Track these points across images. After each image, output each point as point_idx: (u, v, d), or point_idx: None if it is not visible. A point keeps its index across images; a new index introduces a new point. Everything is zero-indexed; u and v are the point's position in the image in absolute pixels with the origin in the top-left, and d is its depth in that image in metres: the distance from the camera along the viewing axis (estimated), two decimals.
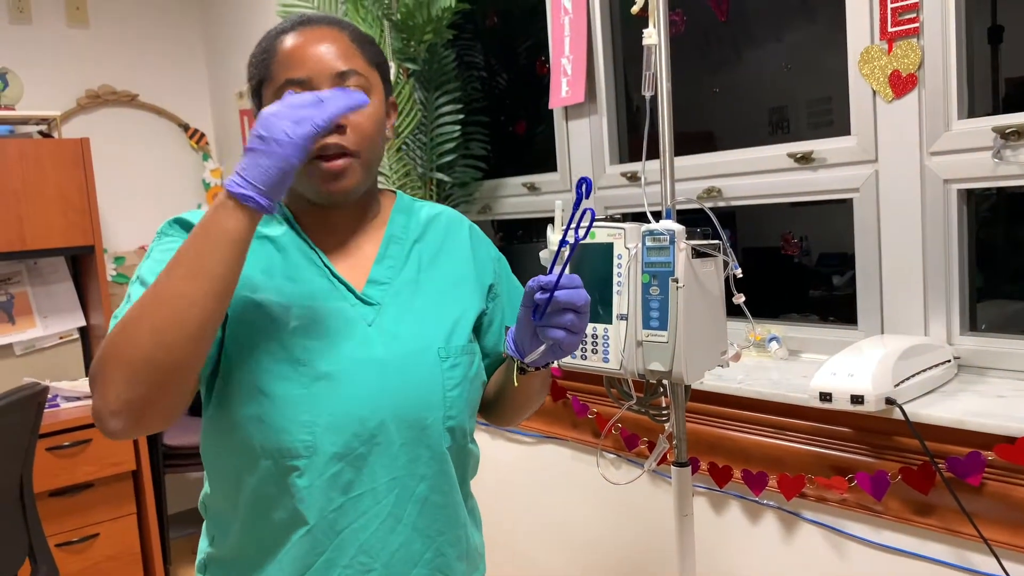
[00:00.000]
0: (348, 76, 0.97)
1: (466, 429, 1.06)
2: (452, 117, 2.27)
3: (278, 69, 0.97)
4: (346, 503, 0.97)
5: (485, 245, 1.17)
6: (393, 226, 1.09)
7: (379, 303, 1.02)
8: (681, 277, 1.11)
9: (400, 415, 0.98)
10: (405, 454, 0.99)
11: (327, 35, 0.98)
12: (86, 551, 2.87)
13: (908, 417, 1.27)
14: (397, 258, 1.06)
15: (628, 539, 1.91)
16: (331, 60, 0.97)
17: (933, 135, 1.43)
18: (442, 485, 1.03)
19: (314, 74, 0.96)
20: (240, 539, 1.01)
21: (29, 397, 2.09)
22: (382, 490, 0.98)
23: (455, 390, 1.02)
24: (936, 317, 1.47)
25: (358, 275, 1.03)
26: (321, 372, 0.95)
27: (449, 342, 1.03)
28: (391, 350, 0.99)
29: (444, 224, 1.13)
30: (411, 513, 1.00)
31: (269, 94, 0.98)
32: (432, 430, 1.01)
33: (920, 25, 1.41)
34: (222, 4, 3.55)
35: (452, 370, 1.02)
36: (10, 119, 2.97)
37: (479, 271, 1.13)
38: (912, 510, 1.36)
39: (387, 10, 2.22)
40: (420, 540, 1.02)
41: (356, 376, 0.97)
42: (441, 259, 1.10)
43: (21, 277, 3.15)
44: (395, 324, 1.01)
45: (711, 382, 1.58)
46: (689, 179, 1.84)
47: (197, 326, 0.82)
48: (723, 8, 1.87)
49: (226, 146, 3.72)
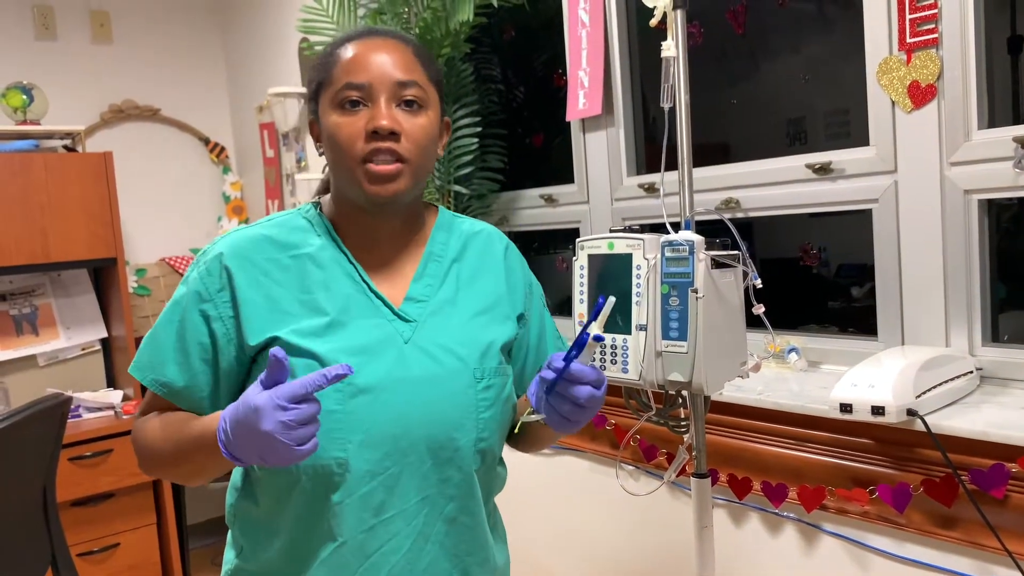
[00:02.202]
0: (408, 86, 0.99)
1: (496, 452, 1.07)
2: (470, 130, 2.29)
3: (339, 73, 0.98)
4: (377, 525, 0.97)
5: (520, 268, 1.17)
6: (433, 244, 1.09)
7: (416, 320, 1.02)
8: (701, 288, 1.11)
9: (433, 435, 0.98)
10: (436, 474, 0.99)
11: (391, 46, 1.00)
12: (107, 561, 2.89)
13: (930, 429, 1.26)
14: (435, 276, 1.07)
15: (647, 551, 1.90)
16: (392, 69, 0.98)
17: (953, 145, 1.42)
18: (470, 506, 1.03)
19: (375, 80, 0.97)
20: (274, 554, 1.01)
21: (53, 407, 2.12)
22: (412, 510, 0.98)
23: (487, 412, 1.02)
24: (957, 328, 1.46)
25: (396, 292, 1.04)
26: (358, 388, 0.95)
27: (483, 363, 1.03)
28: (427, 369, 1.00)
29: (483, 242, 1.14)
30: (439, 532, 1.01)
31: (328, 97, 0.99)
32: (463, 452, 1.00)
33: (939, 36, 1.41)
34: (242, 21, 3.60)
35: (485, 391, 1.02)
36: (35, 134, 3.02)
37: (512, 297, 1.13)
38: (935, 523, 1.34)
39: (406, 24, 2.25)
40: (447, 560, 1.02)
41: (391, 394, 0.97)
42: (478, 280, 1.10)
43: (45, 289, 3.19)
44: (431, 343, 1.01)
45: (730, 393, 1.58)
46: (707, 190, 1.84)
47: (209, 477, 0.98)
48: (740, 21, 1.88)
49: (246, 159, 3.76)
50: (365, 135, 0.96)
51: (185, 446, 0.94)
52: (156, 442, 0.98)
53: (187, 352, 0.98)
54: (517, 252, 1.19)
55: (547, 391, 0.93)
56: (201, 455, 0.92)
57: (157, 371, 0.99)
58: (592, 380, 0.92)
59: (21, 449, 2.06)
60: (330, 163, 1.02)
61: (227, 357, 0.99)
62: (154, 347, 1.00)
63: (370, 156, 0.96)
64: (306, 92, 1.07)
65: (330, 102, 0.99)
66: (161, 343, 1.00)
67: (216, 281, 0.99)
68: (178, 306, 1.00)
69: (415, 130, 0.98)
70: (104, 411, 3.01)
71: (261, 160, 3.56)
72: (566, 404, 0.92)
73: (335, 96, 0.98)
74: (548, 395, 0.93)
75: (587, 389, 0.91)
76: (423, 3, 2.25)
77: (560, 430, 0.97)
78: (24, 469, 2.09)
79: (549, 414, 0.94)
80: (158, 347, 1.00)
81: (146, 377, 1.00)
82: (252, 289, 0.98)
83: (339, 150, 0.98)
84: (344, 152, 0.97)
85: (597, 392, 0.92)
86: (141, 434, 1.01)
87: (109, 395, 3.10)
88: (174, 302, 1.01)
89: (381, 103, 0.97)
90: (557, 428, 0.96)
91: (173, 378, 0.99)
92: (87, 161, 2.99)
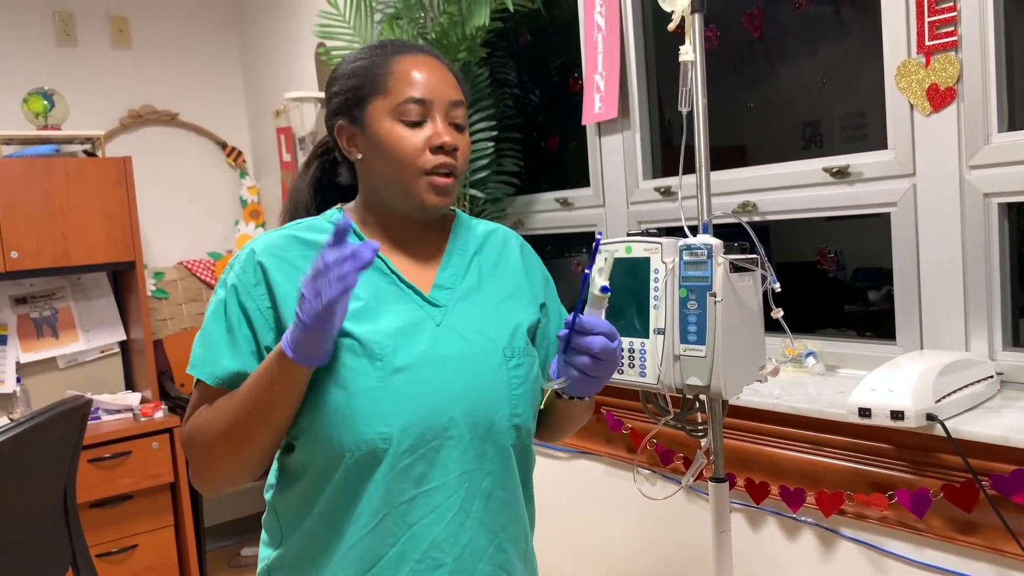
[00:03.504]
0: (458, 106, 1.06)
1: (530, 428, 1.11)
2: (485, 134, 2.30)
3: (399, 86, 1.04)
4: (418, 496, 1.01)
5: (536, 263, 1.22)
6: (455, 239, 1.15)
7: (445, 306, 1.07)
8: (719, 291, 1.12)
9: (470, 411, 1.03)
10: (474, 449, 1.03)
11: (440, 67, 1.07)
12: (125, 562, 2.92)
13: (950, 433, 1.25)
14: (459, 267, 1.12)
15: (664, 555, 1.89)
16: (449, 89, 1.06)
17: (973, 148, 1.42)
18: (506, 481, 1.07)
19: (436, 97, 1.04)
20: (317, 530, 1.05)
21: (73, 409, 2.14)
22: (453, 484, 1.02)
23: (519, 388, 1.07)
24: (977, 332, 1.46)
25: (424, 281, 1.09)
26: (397, 366, 1.00)
27: (512, 343, 1.08)
28: (460, 349, 1.04)
29: (500, 239, 1.19)
30: (478, 507, 1.04)
31: (383, 107, 1.04)
32: (499, 426, 1.05)
33: (958, 38, 1.40)
34: (259, 26, 3.63)
35: (516, 369, 1.07)
36: (56, 139, 3.06)
37: (532, 286, 1.18)
38: (955, 528, 1.34)
39: (422, 29, 2.26)
40: (485, 535, 1.05)
41: (429, 372, 1.01)
42: (499, 271, 1.15)
43: (65, 292, 3.23)
44: (462, 325, 1.07)
45: (748, 397, 1.57)
46: (723, 193, 1.84)
47: (269, 448, 1.02)
48: (757, 24, 1.88)
49: (262, 164, 3.79)
50: (430, 149, 1.03)
51: (252, 390, 0.98)
52: (214, 421, 1.01)
53: (237, 344, 1.03)
54: (531, 248, 1.24)
55: (563, 350, 0.98)
56: (269, 385, 0.96)
57: (213, 364, 1.03)
58: (604, 330, 0.96)
59: (42, 450, 2.08)
60: (380, 171, 1.06)
61: (265, 345, 1.04)
62: (206, 344, 1.05)
63: (435, 169, 1.03)
64: (339, 96, 1.09)
65: (388, 113, 1.04)
66: (212, 340, 1.04)
67: (251, 276, 1.04)
68: (222, 304, 1.05)
69: (464, 146, 1.07)
70: (123, 413, 3.03)
71: (278, 164, 3.59)
72: (582, 357, 0.96)
73: (395, 108, 1.03)
74: (565, 354, 0.98)
75: (600, 339, 0.95)
76: (439, 8, 2.26)
77: (583, 391, 1.01)
78: (45, 470, 2.12)
79: (568, 373, 0.98)
80: (210, 344, 1.04)
81: (204, 372, 1.04)
82: (286, 283, 1.03)
83: (401, 160, 1.03)
84: (407, 163, 1.03)
85: (611, 343, 0.96)
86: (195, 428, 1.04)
87: (127, 397, 3.13)
88: (218, 301, 1.05)
89: (438, 120, 1.04)
90: (579, 390, 1.00)
91: (227, 364, 1.03)
92: (107, 166, 3.03)
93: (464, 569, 1.03)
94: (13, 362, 3.08)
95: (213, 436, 1.01)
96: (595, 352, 0.96)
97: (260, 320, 1.03)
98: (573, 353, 0.97)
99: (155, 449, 2.92)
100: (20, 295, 3.15)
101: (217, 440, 1.00)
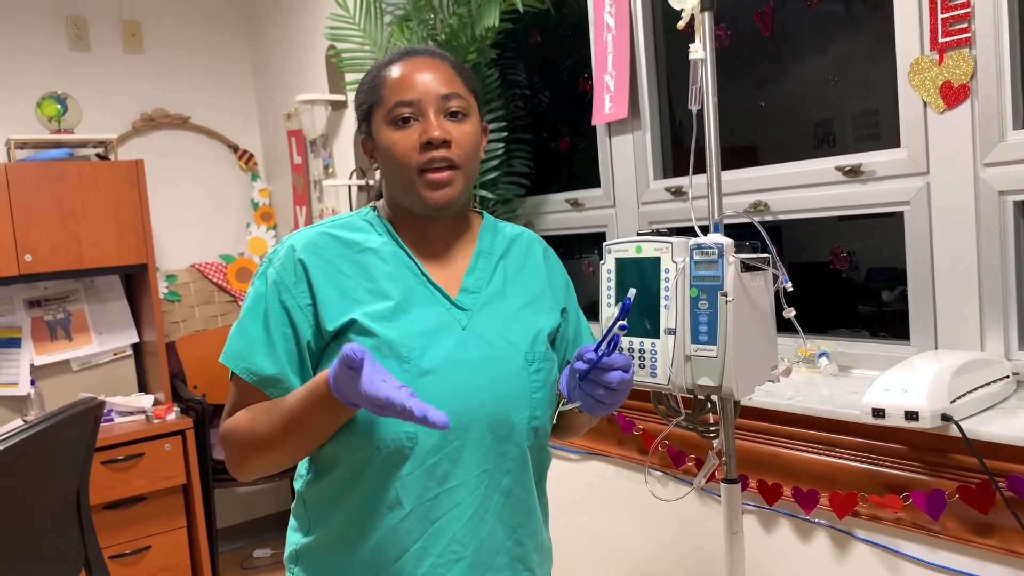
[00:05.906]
0: (451, 98, 1.07)
1: (547, 429, 1.15)
2: (496, 135, 2.29)
3: (388, 93, 1.07)
4: (441, 494, 1.05)
5: (559, 268, 1.26)
6: (482, 242, 1.18)
7: (471, 309, 1.11)
8: (731, 291, 1.11)
9: (491, 413, 1.07)
10: (494, 448, 1.07)
11: (431, 64, 1.09)
12: (138, 563, 2.93)
13: (966, 434, 1.24)
14: (485, 271, 1.15)
15: (675, 557, 1.88)
16: (436, 85, 1.07)
17: (987, 146, 1.40)
18: (524, 479, 1.11)
19: (422, 96, 1.06)
20: (343, 523, 1.07)
21: (86, 411, 2.15)
22: (474, 481, 1.06)
23: (539, 392, 1.11)
24: (993, 332, 1.44)
25: (452, 283, 1.12)
26: (424, 369, 1.04)
27: (533, 348, 1.12)
28: (484, 353, 1.08)
29: (525, 244, 1.23)
30: (496, 504, 1.08)
31: (380, 116, 1.09)
32: (518, 428, 1.09)
33: (972, 35, 1.39)
34: (270, 29, 3.64)
35: (536, 374, 1.11)
36: (69, 142, 3.08)
37: (554, 292, 1.21)
38: (971, 530, 1.32)
39: (432, 31, 2.26)
40: (503, 530, 1.09)
41: (454, 374, 1.05)
42: (523, 275, 1.18)
43: (78, 295, 3.25)
44: (486, 329, 1.10)
45: (760, 398, 1.56)
46: (735, 193, 1.83)
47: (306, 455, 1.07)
48: (768, 22, 1.87)
49: (274, 167, 3.80)
50: (419, 147, 1.05)
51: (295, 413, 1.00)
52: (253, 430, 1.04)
53: (273, 341, 1.05)
54: (554, 253, 1.27)
55: (580, 379, 1.01)
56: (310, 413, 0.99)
57: (247, 359, 1.06)
58: (622, 365, 1.00)
59: (56, 452, 2.09)
60: (387, 176, 1.11)
61: (306, 340, 1.06)
62: (242, 337, 1.07)
63: (427, 165, 1.05)
64: (357, 115, 1.16)
65: (383, 121, 1.08)
66: (249, 333, 1.06)
67: (292, 274, 1.06)
68: (261, 299, 1.07)
69: (463, 137, 1.07)
70: (135, 415, 3.05)
71: (289, 167, 3.60)
72: (600, 389, 1.00)
73: (387, 115, 1.07)
74: (582, 383, 1.01)
75: (617, 374, 0.99)
76: (449, 9, 2.26)
77: (596, 413, 1.05)
78: (59, 472, 2.13)
79: (584, 400, 1.02)
80: (246, 337, 1.06)
81: (237, 365, 1.06)
82: (325, 282, 1.06)
83: (397, 163, 1.07)
84: (402, 164, 1.06)
85: (627, 375, 1.00)
86: (234, 430, 1.06)
87: (140, 399, 3.14)
88: (256, 296, 1.07)
89: (430, 116, 1.06)
90: (593, 412, 1.03)
91: (263, 365, 1.05)
92: (119, 169, 3.04)
93: (483, 562, 1.07)
94: (27, 364, 3.11)
95: (252, 441, 1.04)
96: (613, 386, 0.99)
97: (301, 317, 1.06)
98: (591, 384, 1.00)
99: (168, 451, 2.93)
100: (34, 298, 3.17)
101: (256, 444, 1.04)
